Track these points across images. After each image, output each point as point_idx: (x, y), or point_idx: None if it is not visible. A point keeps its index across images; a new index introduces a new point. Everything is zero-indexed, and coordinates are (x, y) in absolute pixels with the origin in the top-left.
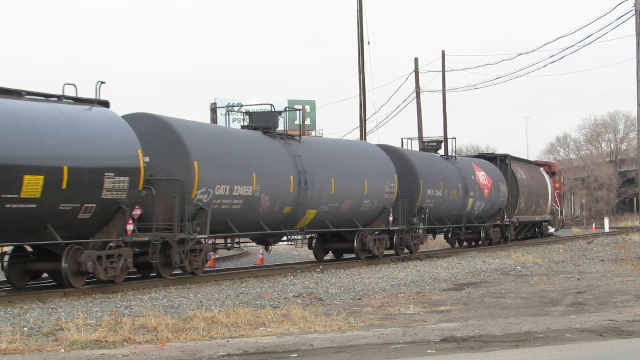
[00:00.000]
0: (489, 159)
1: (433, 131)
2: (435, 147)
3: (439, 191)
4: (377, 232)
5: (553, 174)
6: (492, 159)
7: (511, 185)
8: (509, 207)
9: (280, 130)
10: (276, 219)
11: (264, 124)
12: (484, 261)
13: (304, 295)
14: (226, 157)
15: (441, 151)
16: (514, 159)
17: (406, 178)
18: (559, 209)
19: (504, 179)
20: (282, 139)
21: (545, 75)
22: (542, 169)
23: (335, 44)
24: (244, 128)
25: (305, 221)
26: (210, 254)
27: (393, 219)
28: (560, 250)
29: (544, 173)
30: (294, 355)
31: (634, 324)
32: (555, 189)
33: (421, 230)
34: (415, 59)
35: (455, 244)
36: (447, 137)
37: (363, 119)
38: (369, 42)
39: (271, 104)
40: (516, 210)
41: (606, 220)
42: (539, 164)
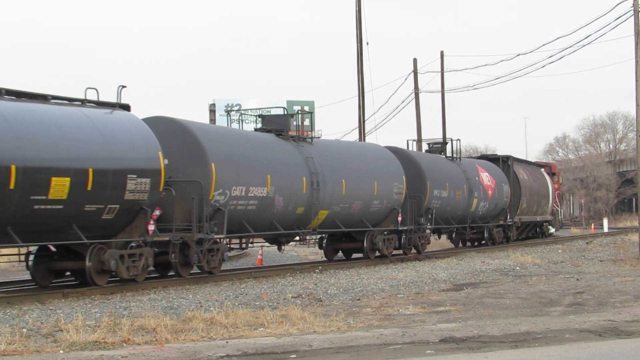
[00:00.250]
0: (491, 160)
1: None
2: (440, 149)
3: (445, 192)
4: (386, 232)
5: (553, 174)
6: (495, 160)
7: (513, 186)
8: (511, 208)
9: (293, 132)
10: (290, 219)
11: (277, 126)
12: (483, 262)
13: (303, 296)
14: (242, 159)
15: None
16: (516, 160)
17: (414, 179)
18: (559, 210)
19: (506, 180)
20: (295, 141)
21: (544, 76)
22: (543, 170)
23: (334, 45)
24: (257, 131)
25: (317, 221)
26: (226, 254)
27: (402, 219)
28: (559, 251)
29: (545, 174)
30: (293, 356)
31: (633, 324)
32: (555, 189)
33: (428, 230)
34: (414, 60)
35: (459, 243)
36: (452, 139)
37: (362, 120)
38: (367, 43)
39: (284, 107)
40: (518, 211)
41: (605, 221)
42: (540, 165)
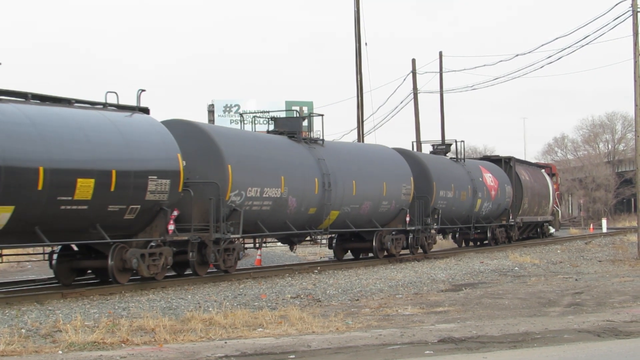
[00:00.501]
0: (494, 161)
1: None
2: (445, 150)
3: (450, 192)
4: (394, 232)
5: (553, 175)
6: (497, 161)
7: (515, 186)
8: (513, 208)
9: (305, 133)
10: (302, 219)
11: (289, 129)
12: (482, 262)
13: (302, 296)
14: (257, 161)
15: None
16: (518, 161)
17: (420, 180)
18: (559, 210)
19: (509, 181)
20: (307, 143)
21: (543, 76)
22: (544, 171)
23: (333, 45)
24: (269, 133)
25: (328, 221)
26: (242, 253)
27: (409, 219)
28: (558, 251)
29: (546, 175)
30: (291, 356)
31: (632, 325)
32: (555, 190)
33: (434, 230)
34: (413, 60)
35: (462, 243)
36: (457, 140)
37: (361, 120)
38: (366, 43)
39: (296, 110)
40: (520, 211)
41: (604, 221)
42: (541, 166)
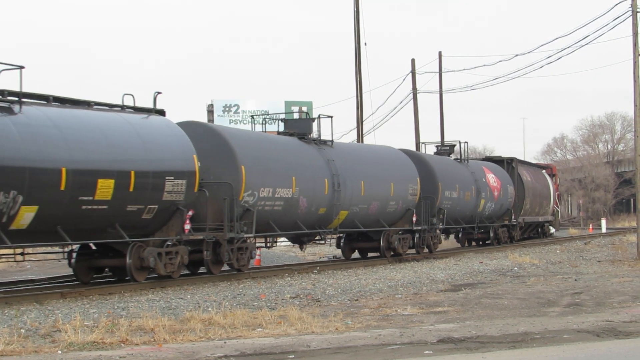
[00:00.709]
0: (496, 162)
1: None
2: (449, 151)
3: (455, 193)
4: (401, 232)
5: (553, 175)
6: (500, 161)
7: (517, 187)
8: (515, 208)
9: (314, 135)
10: (312, 219)
11: (299, 130)
12: (481, 262)
13: (301, 296)
14: (269, 162)
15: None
16: (520, 162)
17: (426, 181)
18: (558, 210)
19: (511, 181)
20: (317, 144)
21: (542, 76)
22: (545, 171)
23: (332, 46)
24: (280, 134)
25: (338, 221)
26: (254, 252)
27: (416, 219)
28: (558, 251)
29: (547, 175)
30: (291, 356)
31: (631, 325)
32: (555, 190)
33: (439, 230)
34: (412, 60)
35: (465, 243)
36: (460, 142)
37: (360, 120)
38: (365, 43)
39: (306, 112)
40: (522, 211)
41: (603, 221)
42: (541, 167)
